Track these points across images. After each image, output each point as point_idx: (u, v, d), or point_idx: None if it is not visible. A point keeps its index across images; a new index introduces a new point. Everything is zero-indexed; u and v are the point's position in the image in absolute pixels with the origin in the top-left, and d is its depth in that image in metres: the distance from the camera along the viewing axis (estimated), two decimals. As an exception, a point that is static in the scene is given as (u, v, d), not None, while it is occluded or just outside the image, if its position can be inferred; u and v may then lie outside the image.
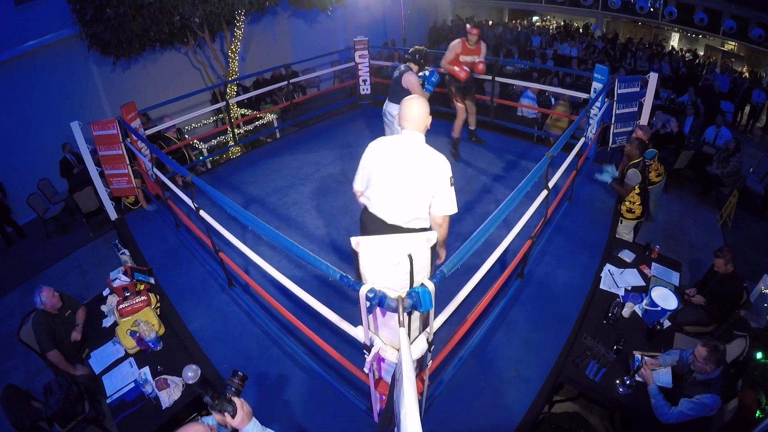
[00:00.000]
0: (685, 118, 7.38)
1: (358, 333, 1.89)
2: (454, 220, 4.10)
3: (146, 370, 2.82)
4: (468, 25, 4.79)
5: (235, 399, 1.60)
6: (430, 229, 2.43)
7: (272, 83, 8.01)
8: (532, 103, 7.20)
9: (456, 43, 4.71)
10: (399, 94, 3.92)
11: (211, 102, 8.75)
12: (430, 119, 2.30)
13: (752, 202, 6.24)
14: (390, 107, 4.10)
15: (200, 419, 1.69)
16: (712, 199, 6.50)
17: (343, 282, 1.70)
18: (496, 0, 15.74)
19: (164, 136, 5.51)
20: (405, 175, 2.22)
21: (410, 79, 3.93)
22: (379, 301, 1.58)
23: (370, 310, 1.74)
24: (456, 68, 4.64)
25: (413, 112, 2.22)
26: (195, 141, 6.81)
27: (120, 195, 4.58)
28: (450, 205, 2.32)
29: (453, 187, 2.32)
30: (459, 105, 4.97)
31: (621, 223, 4.12)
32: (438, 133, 5.64)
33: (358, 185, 2.47)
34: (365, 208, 2.43)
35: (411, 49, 4.19)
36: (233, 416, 1.57)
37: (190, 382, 1.61)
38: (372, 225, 2.39)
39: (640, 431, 2.81)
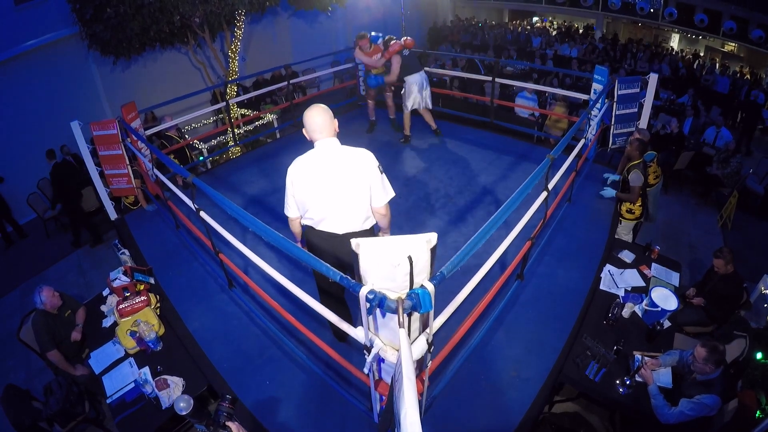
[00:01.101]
0: (685, 119, 7.39)
1: (358, 334, 1.89)
2: (455, 220, 4.14)
3: (146, 370, 2.82)
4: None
5: (230, 424, 1.59)
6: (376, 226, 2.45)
7: (272, 83, 8.01)
8: (528, 103, 7.19)
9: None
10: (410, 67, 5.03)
11: (211, 102, 8.76)
12: (336, 122, 2.29)
13: (752, 202, 6.24)
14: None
15: None
16: (712, 199, 6.51)
17: (343, 283, 1.70)
18: (496, 0, 15.73)
19: (166, 135, 5.52)
20: (340, 182, 2.20)
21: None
22: (379, 302, 1.58)
23: (370, 311, 1.74)
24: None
25: (319, 120, 2.20)
26: (195, 141, 6.82)
27: (120, 195, 4.58)
28: (387, 191, 2.33)
29: (383, 174, 2.31)
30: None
31: (620, 223, 4.13)
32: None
33: (292, 213, 2.40)
34: (311, 229, 2.40)
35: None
36: None
37: (183, 413, 1.58)
38: (323, 243, 2.38)
39: (640, 431, 2.81)
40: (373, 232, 2.47)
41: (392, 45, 4.94)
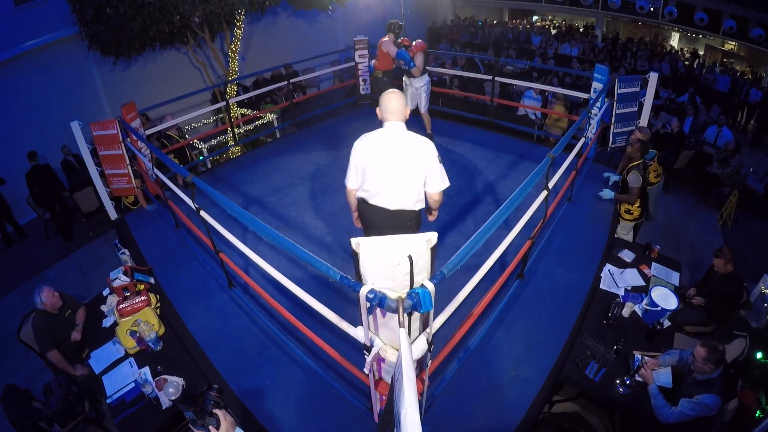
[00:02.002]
0: (685, 118, 7.39)
1: (358, 333, 1.89)
2: (455, 219, 4.14)
3: (146, 370, 2.82)
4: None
5: (217, 411, 1.61)
6: (427, 208, 2.61)
7: (272, 83, 8.01)
8: (535, 104, 7.19)
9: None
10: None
11: (211, 102, 8.75)
12: (408, 109, 2.43)
13: (752, 201, 6.23)
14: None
15: None
16: (712, 199, 6.50)
17: (344, 283, 1.70)
18: (496, 0, 15.72)
19: (166, 134, 5.51)
20: (399, 163, 2.35)
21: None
22: (380, 301, 1.58)
23: (370, 311, 1.74)
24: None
25: (394, 104, 2.36)
26: (195, 141, 6.81)
27: (120, 195, 4.58)
28: (443, 180, 2.46)
29: (441, 164, 2.44)
30: None
31: (620, 223, 4.12)
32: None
33: (351, 183, 2.55)
34: (364, 202, 2.54)
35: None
36: (217, 428, 1.58)
37: (172, 398, 1.59)
38: (375, 216, 2.52)
39: (640, 431, 2.81)
40: (420, 214, 2.63)
41: (418, 42, 4.89)
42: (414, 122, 5.57)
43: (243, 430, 1.68)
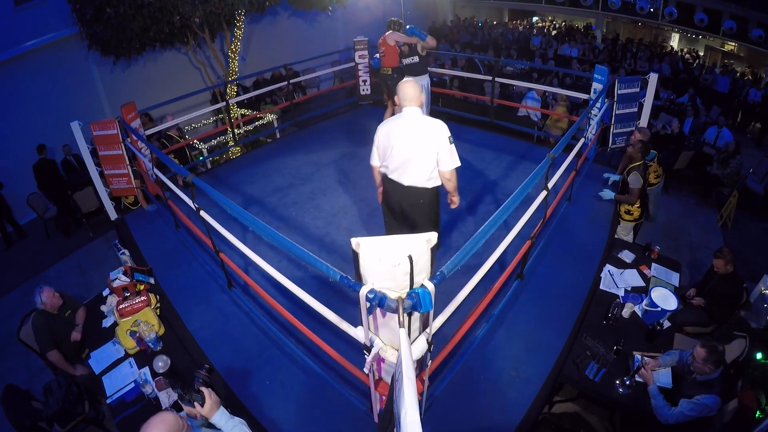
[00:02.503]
0: (685, 119, 7.39)
1: (358, 333, 1.89)
2: (455, 220, 4.14)
3: (146, 370, 2.82)
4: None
5: (203, 389, 1.70)
6: (441, 186, 2.82)
7: (272, 83, 8.01)
8: (537, 105, 7.20)
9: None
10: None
11: (211, 102, 8.75)
12: (423, 96, 2.71)
13: (752, 202, 6.23)
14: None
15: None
16: (712, 199, 6.50)
17: (343, 283, 1.70)
18: (496, 0, 15.73)
19: (166, 134, 5.51)
20: (412, 143, 2.64)
21: (396, 36, 4.76)
22: (379, 301, 1.58)
23: (370, 311, 1.74)
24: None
25: (410, 91, 2.64)
26: (195, 141, 6.82)
27: (120, 195, 4.58)
28: (453, 160, 2.70)
29: (453, 144, 2.68)
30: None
31: (619, 224, 4.12)
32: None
33: (374, 161, 2.90)
34: (385, 176, 2.88)
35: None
36: (202, 405, 1.67)
37: (160, 371, 1.69)
38: (393, 190, 2.87)
39: (640, 431, 2.81)
40: (436, 193, 2.87)
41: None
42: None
43: (227, 410, 1.75)
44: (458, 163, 2.71)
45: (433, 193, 2.82)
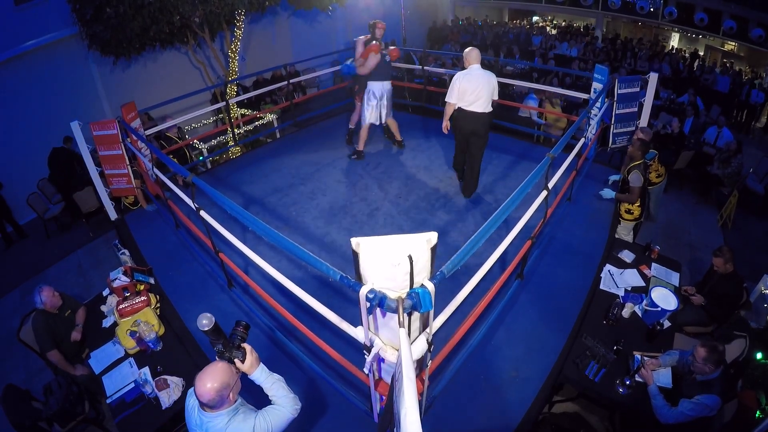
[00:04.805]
0: (685, 119, 7.38)
1: (358, 333, 1.89)
2: (455, 219, 4.15)
3: (146, 370, 2.82)
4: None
5: (245, 345, 1.76)
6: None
7: (272, 83, 8.01)
8: (536, 105, 7.19)
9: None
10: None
11: (211, 102, 8.75)
12: (480, 57, 4.00)
13: (752, 202, 6.23)
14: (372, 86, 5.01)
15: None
16: (712, 199, 6.50)
17: (343, 283, 1.70)
18: (496, 0, 15.72)
19: (165, 136, 5.51)
20: (483, 84, 3.91)
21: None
22: (379, 301, 1.58)
23: (370, 311, 1.74)
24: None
25: (473, 55, 3.96)
26: (195, 141, 6.81)
27: (120, 195, 4.58)
28: (496, 93, 4.09)
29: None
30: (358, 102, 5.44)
31: (620, 223, 4.12)
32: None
33: (453, 99, 3.99)
34: (461, 110, 4.03)
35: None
36: (242, 361, 1.73)
37: (205, 329, 1.74)
38: (467, 119, 4.05)
39: (640, 431, 2.81)
40: (492, 116, 4.13)
41: (373, 45, 4.76)
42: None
43: (267, 367, 1.80)
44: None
45: (491, 116, 4.11)
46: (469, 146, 4.23)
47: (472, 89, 3.90)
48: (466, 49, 4.01)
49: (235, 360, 1.72)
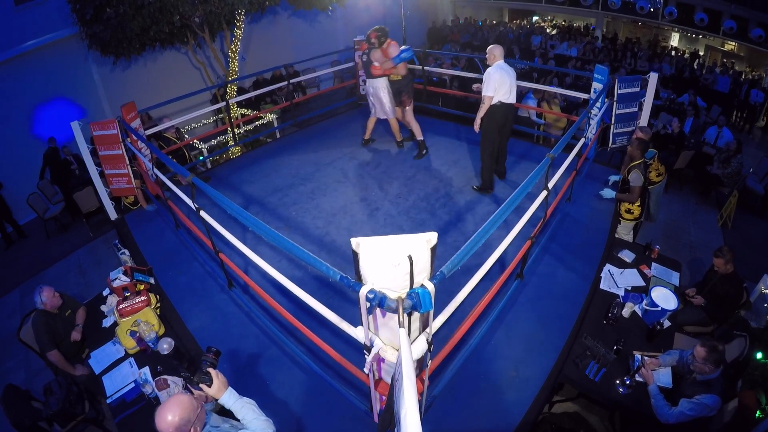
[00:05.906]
0: (685, 119, 7.38)
1: (358, 333, 1.89)
2: (455, 220, 4.15)
3: (146, 370, 2.82)
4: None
5: (210, 370, 1.72)
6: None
7: (272, 83, 8.01)
8: (535, 104, 7.19)
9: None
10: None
11: (211, 102, 8.75)
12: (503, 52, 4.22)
13: (752, 202, 6.23)
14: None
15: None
16: (712, 199, 6.50)
17: (343, 283, 1.70)
18: (496, 0, 15.73)
19: (163, 137, 5.50)
20: (512, 78, 4.19)
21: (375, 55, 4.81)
22: (379, 301, 1.58)
23: (370, 311, 1.74)
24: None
25: (497, 52, 4.15)
26: (195, 141, 6.81)
27: (120, 195, 4.58)
28: None
29: None
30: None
31: (620, 223, 4.12)
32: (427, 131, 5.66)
33: (491, 92, 4.12)
34: (500, 102, 4.19)
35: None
36: (209, 386, 1.69)
37: (165, 353, 1.71)
38: (499, 110, 4.21)
39: (640, 431, 2.81)
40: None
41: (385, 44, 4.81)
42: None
43: (235, 390, 1.78)
44: None
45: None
46: (501, 137, 4.44)
47: (507, 82, 4.13)
48: (490, 46, 4.19)
49: (202, 385, 1.69)
